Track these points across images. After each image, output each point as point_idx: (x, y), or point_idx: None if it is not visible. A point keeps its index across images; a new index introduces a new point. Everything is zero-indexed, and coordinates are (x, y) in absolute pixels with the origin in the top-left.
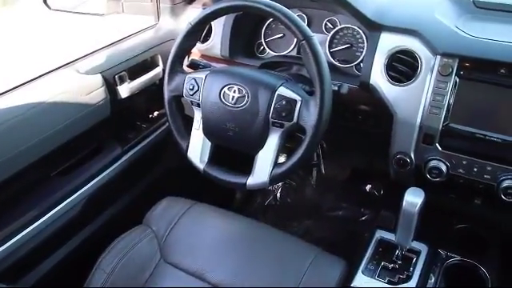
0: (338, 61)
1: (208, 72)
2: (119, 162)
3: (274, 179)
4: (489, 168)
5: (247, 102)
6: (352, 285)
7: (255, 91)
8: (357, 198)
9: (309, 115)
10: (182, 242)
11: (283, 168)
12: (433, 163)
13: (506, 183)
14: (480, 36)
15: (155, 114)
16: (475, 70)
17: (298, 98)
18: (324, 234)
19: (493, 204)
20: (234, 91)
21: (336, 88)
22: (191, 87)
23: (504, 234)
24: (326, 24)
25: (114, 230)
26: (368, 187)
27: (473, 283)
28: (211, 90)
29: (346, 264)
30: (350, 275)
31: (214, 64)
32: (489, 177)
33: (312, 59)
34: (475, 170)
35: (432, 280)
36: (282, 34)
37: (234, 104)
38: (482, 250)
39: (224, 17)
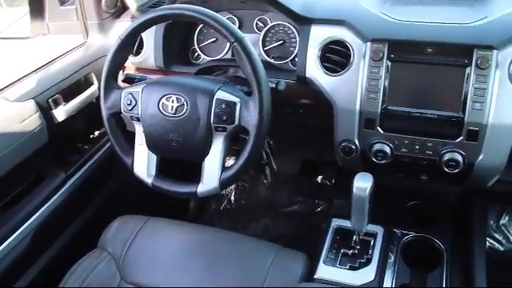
0: (273, 58)
1: (144, 85)
2: (64, 188)
3: (224, 183)
4: (429, 144)
5: (187, 110)
6: (315, 276)
7: (193, 98)
8: (310, 190)
9: (250, 115)
10: (140, 260)
11: (232, 171)
12: (377, 146)
13: (447, 156)
14: (405, 19)
15: (96, 133)
16: (405, 52)
17: (236, 99)
18: (283, 231)
19: (438, 178)
20: (173, 101)
21: (273, 85)
22: (129, 102)
23: (452, 204)
24: (257, 23)
25: (69, 257)
26: (319, 178)
27: (430, 255)
28: (149, 102)
29: (307, 257)
30: (312, 267)
31: (149, 76)
32: (431, 152)
33: (246, 60)
34: (417, 147)
35: (391, 259)
36: (214, 38)
37: (174, 114)
38: (434, 222)
39: (154, 27)
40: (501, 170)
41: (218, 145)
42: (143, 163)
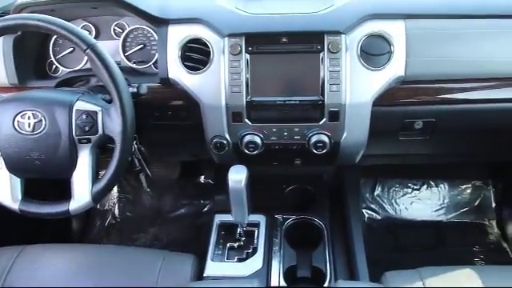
0: (134, 63)
1: None
2: None
3: (96, 196)
4: (296, 129)
5: (46, 125)
6: (205, 274)
7: (51, 112)
8: (194, 191)
9: (112, 123)
10: None
11: (103, 182)
12: (247, 138)
13: (314, 139)
14: (259, 12)
15: None
16: (262, 44)
17: (97, 108)
18: (173, 236)
19: (310, 160)
20: (29, 117)
21: (135, 89)
22: None
23: (328, 183)
24: (114, 29)
25: None
26: (202, 178)
27: (312, 235)
28: (2, 122)
29: (195, 257)
30: (202, 266)
31: (2, 95)
32: (299, 137)
33: (101, 66)
34: (285, 134)
35: (277, 245)
36: (71, 49)
37: (32, 131)
38: (313, 203)
39: (1, 42)
40: (364, 145)
41: (84, 157)
42: (5, 188)
